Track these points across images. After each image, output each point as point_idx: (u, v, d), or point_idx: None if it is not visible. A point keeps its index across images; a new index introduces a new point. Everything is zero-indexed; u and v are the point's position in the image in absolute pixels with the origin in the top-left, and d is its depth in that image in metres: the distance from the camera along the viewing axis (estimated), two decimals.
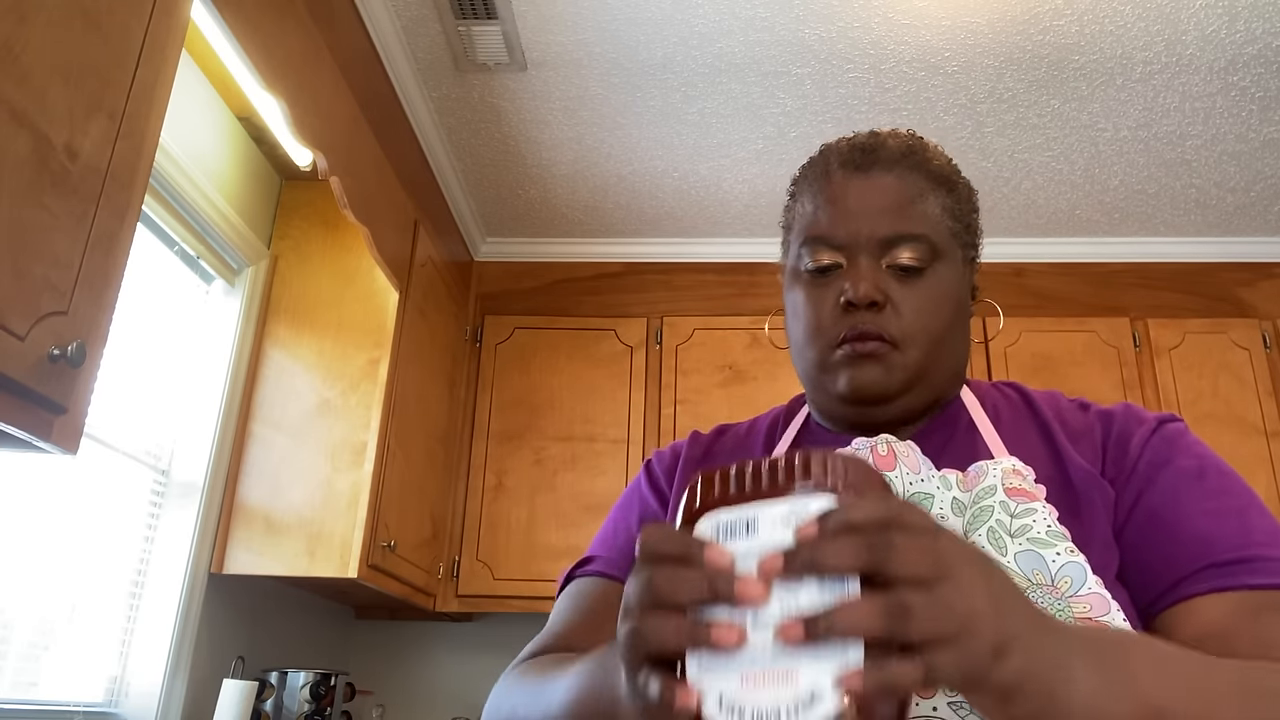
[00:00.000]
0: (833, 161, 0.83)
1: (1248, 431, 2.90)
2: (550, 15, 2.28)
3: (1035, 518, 0.73)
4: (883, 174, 0.80)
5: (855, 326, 0.77)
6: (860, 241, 0.79)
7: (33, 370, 1.08)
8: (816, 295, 0.81)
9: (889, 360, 0.78)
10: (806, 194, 0.84)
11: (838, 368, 0.79)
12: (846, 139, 0.85)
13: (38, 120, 1.09)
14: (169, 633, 2.08)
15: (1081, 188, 2.94)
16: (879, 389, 0.78)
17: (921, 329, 0.78)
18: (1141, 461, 0.76)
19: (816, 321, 0.80)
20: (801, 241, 0.82)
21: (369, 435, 2.30)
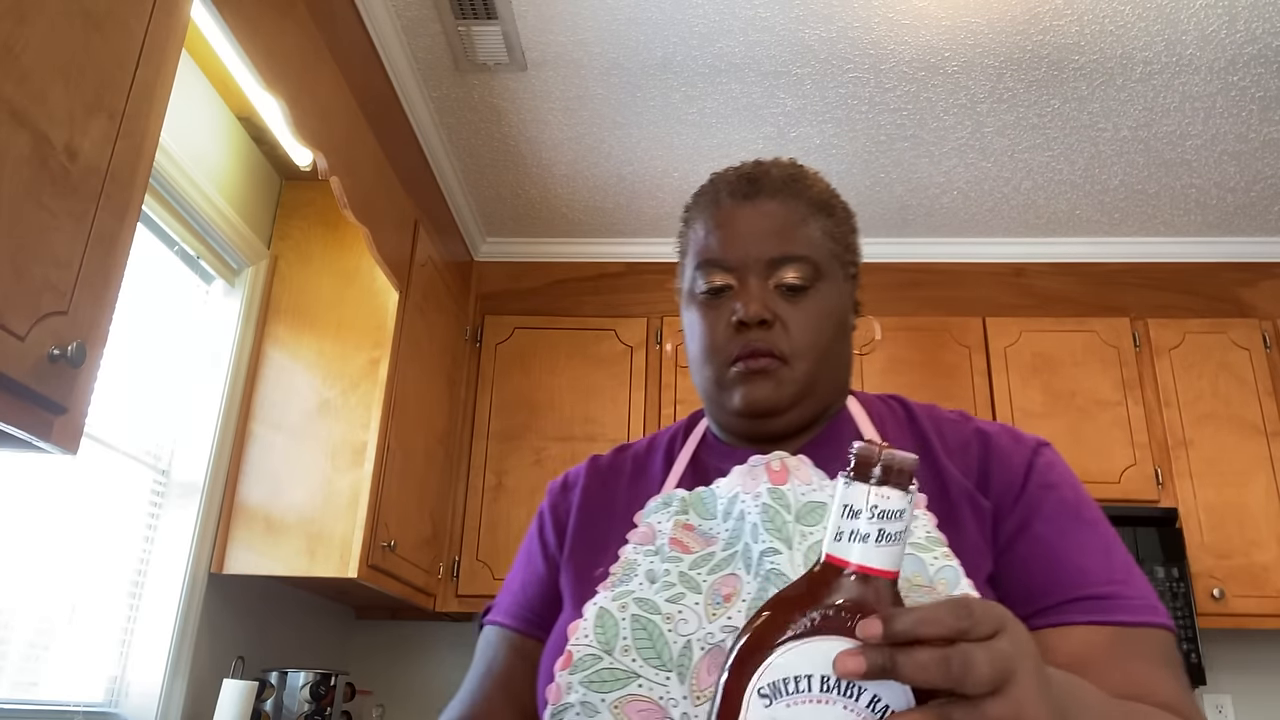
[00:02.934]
0: (722, 190, 0.88)
1: (1248, 431, 2.90)
2: (550, 15, 2.28)
3: (916, 524, 0.79)
4: (767, 200, 0.86)
5: (747, 344, 0.83)
6: (749, 263, 0.84)
7: (33, 370, 1.08)
8: (711, 316, 0.86)
9: (779, 375, 0.83)
10: (698, 221, 0.90)
11: (733, 384, 0.84)
12: (734, 168, 0.91)
13: (38, 120, 1.09)
14: (169, 633, 2.08)
15: (1081, 188, 2.94)
16: (771, 403, 0.83)
17: (809, 344, 0.84)
18: (1029, 485, 0.82)
19: (711, 341, 0.85)
20: (695, 265, 0.88)
21: (369, 435, 2.30)
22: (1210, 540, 2.79)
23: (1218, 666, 2.93)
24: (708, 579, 0.77)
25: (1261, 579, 2.74)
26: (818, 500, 0.80)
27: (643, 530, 0.83)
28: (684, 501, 0.84)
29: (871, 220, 3.12)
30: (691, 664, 0.71)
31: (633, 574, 0.79)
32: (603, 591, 0.78)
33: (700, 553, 0.80)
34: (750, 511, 0.79)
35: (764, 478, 0.81)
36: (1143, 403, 2.96)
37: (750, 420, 0.85)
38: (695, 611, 0.74)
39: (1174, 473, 2.87)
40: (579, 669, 0.73)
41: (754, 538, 0.78)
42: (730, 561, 0.78)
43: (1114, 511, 2.83)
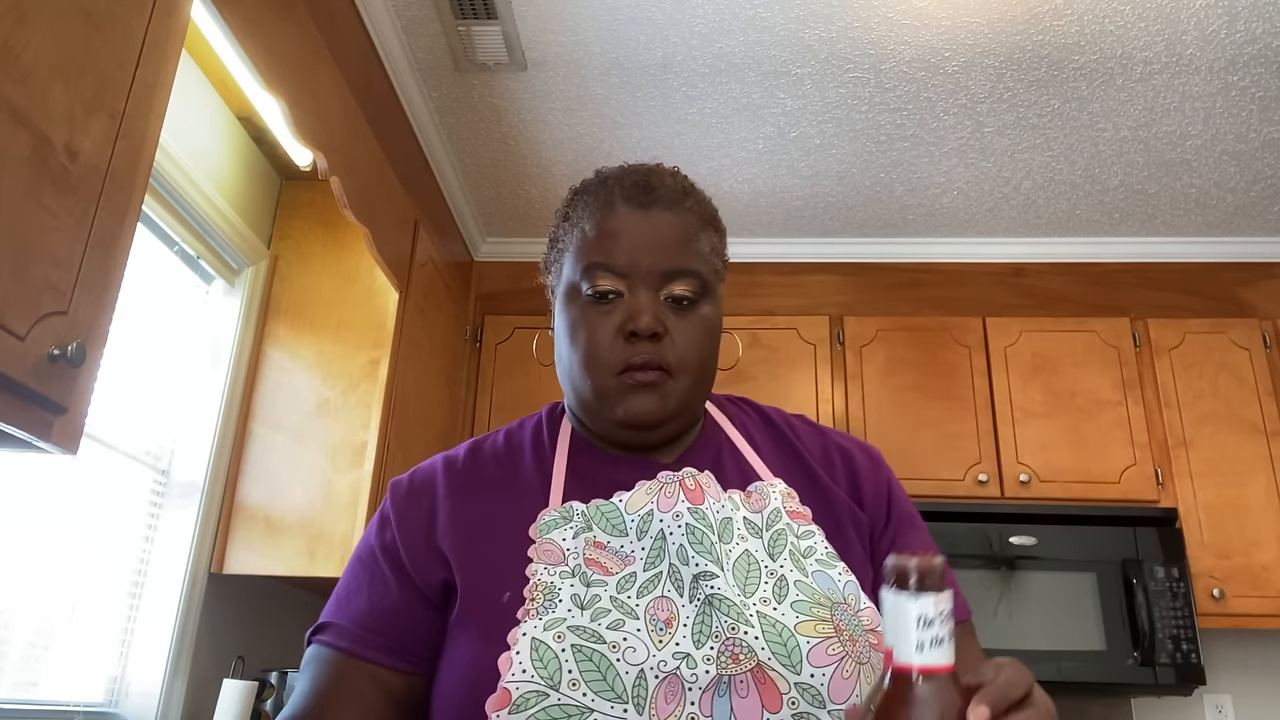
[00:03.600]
0: (616, 193, 0.87)
1: (1248, 431, 2.90)
2: (550, 15, 2.28)
3: (815, 540, 0.81)
4: (663, 211, 0.85)
5: (636, 356, 0.82)
6: (641, 273, 0.83)
7: (33, 370, 1.08)
8: (595, 321, 0.84)
9: (664, 388, 0.83)
10: (587, 219, 0.87)
11: (617, 394, 0.83)
12: (628, 171, 0.89)
13: (38, 120, 1.09)
14: (169, 633, 2.08)
15: (1081, 188, 2.94)
16: (655, 416, 0.83)
17: (693, 359, 0.84)
18: (894, 504, 0.89)
19: (594, 348, 0.83)
20: (584, 266, 0.85)
21: (369, 435, 2.30)
22: (1210, 540, 2.79)
23: (1218, 666, 2.93)
24: (640, 602, 0.75)
25: (1261, 579, 2.74)
26: (727, 516, 0.80)
27: (548, 549, 0.78)
28: (585, 516, 0.81)
29: (871, 220, 3.12)
30: (648, 694, 0.69)
31: (555, 599, 0.75)
32: (529, 620, 0.73)
33: (621, 574, 0.77)
34: (672, 531, 0.77)
35: (680, 496, 0.80)
36: (1143, 403, 2.96)
37: (629, 431, 0.84)
38: (639, 639, 0.72)
39: (1174, 473, 2.87)
40: (522, 708, 0.68)
41: (681, 559, 0.76)
42: (656, 583, 0.76)
43: (1114, 511, 2.84)
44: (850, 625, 0.74)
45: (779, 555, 0.79)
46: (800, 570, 0.78)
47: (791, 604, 0.75)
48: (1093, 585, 2.71)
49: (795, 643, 0.72)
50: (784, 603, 0.75)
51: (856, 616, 0.75)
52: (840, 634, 0.73)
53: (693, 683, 0.70)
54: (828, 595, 0.76)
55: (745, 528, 0.80)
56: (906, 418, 2.97)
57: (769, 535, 0.80)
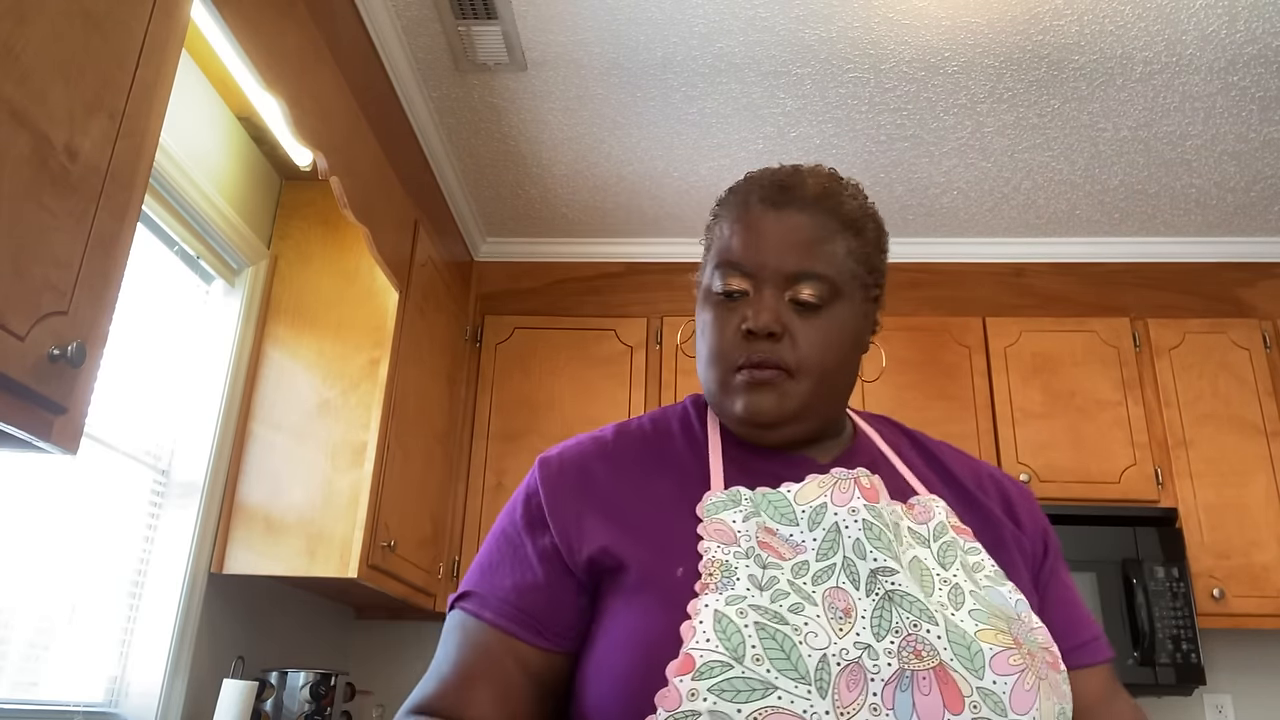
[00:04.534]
0: (753, 193, 0.88)
1: (1248, 431, 2.90)
2: (550, 15, 2.28)
3: (982, 556, 0.82)
4: (796, 213, 0.85)
5: (754, 354, 0.83)
6: (767, 272, 0.84)
7: (33, 370, 1.08)
8: (722, 318, 0.86)
9: (783, 388, 0.83)
10: (726, 219, 0.89)
11: (736, 391, 0.84)
12: (771, 171, 0.90)
13: (38, 120, 1.09)
14: (169, 633, 2.08)
15: (1081, 188, 2.94)
16: (772, 415, 0.83)
17: (815, 362, 0.83)
18: (1050, 537, 0.91)
19: (720, 343, 0.85)
20: (715, 264, 0.88)
21: (369, 435, 2.30)
22: (1210, 540, 2.79)
23: (1218, 666, 2.93)
24: (815, 590, 0.74)
25: (1261, 579, 2.74)
26: (896, 520, 0.81)
27: (718, 528, 0.78)
28: (753, 502, 0.81)
29: None
30: (830, 679, 0.68)
31: (732, 577, 0.74)
32: (709, 594, 0.73)
33: (794, 560, 0.77)
34: (848, 525, 0.78)
35: (856, 493, 0.80)
36: (1143, 403, 2.96)
37: (749, 428, 0.85)
38: (819, 625, 0.71)
39: (1174, 473, 2.87)
40: (705, 676, 0.68)
41: (858, 554, 0.76)
42: (829, 574, 0.76)
43: (1114, 511, 2.84)
44: (1028, 640, 0.74)
45: (950, 565, 0.79)
46: (973, 582, 0.78)
47: (969, 612, 0.75)
48: (1093, 585, 2.71)
49: (978, 647, 0.71)
50: (961, 609, 0.75)
51: (1032, 633, 0.75)
52: (1019, 647, 0.73)
53: (875, 674, 0.69)
54: (1001, 609, 0.76)
55: (911, 536, 0.80)
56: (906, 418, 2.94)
57: (937, 546, 0.80)
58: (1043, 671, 0.72)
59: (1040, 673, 0.72)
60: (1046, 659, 0.74)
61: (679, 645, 0.70)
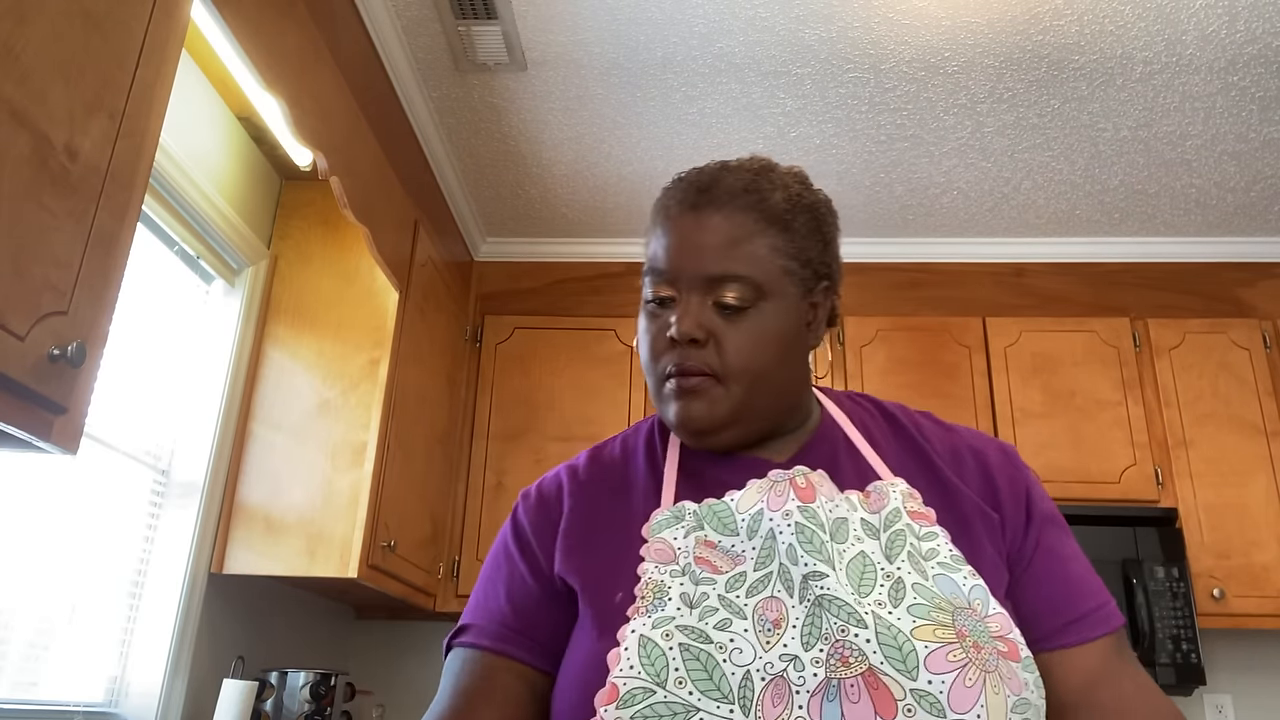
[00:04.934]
0: (674, 196, 0.87)
1: (1248, 431, 2.90)
2: (550, 15, 2.28)
3: (938, 542, 0.79)
4: (713, 213, 0.83)
5: (680, 362, 0.82)
6: (687, 278, 0.83)
7: (33, 370, 1.08)
8: (653, 326, 0.86)
9: (712, 394, 0.82)
10: (653, 223, 0.89)
11: (667, 399, 0.84)
12: (696, 171, 0.88)
13: (38, 120, 1.09)
14: (169, 633, 2.08)
15: (1081, 188, 2.94)
16: (704, 422, 0.82)
17: (744, 366, 0.82)
18: (1036, 503, 0.86)
19: (651, 352, 0.86)
20: (644, 272, 0.88)
21: (369, 435, 2.30)
22: (1210, 540, 2.79)
23: (1218, 666, 2.93)
24: (748, 602, 0.74)
25: (1261, 579, 2.74)
26: (842, 516, 0.79)
27: (659, 548, 0.79)
28: (697, 515, 0.81)
29: (871, 220, 3.12)
30: (754, 695, 0.68)
31: (665, 597, 0.75)
32: (638, 618, 0.74)
33: (731, 573, 0.76)
34: (782, 531, 0.77)
35: (791, 494, 0.79)
36: (1143, 403, 2.96)
37: (689, 435, 0.84)
38: (747, 639, 0.71)
39: (1174, 473, 2.87)
40: (629, 704, 0.68)
41: (791, 559, 0.75)
42: (766, 583, 0.75)
43: (1114, 512, 2.84)
44: (975, 631, 0.71)
45: (896, 557, 0.77)
46: (920, 573, 0.76)
47: (908, 608, 0.72)
48: None
49: (911, 646, 0.69)
50: (900, 606, 0.73)
51: (983, 622, 0.73)
52: (963, 640, 0.70)
53: (800, 685, 0.68)
54: (950, 600, 0.74)
55: (862, 529, 0.79)
56: None
57: (886, 536, 0.78)
58: (990, 663, 0.69)
59: (987, 665, 0.69)
60: (999, 649, 0.71)
61: (606, 675, 0.71)
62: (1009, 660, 0.71)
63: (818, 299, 0.88)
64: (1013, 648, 0.72)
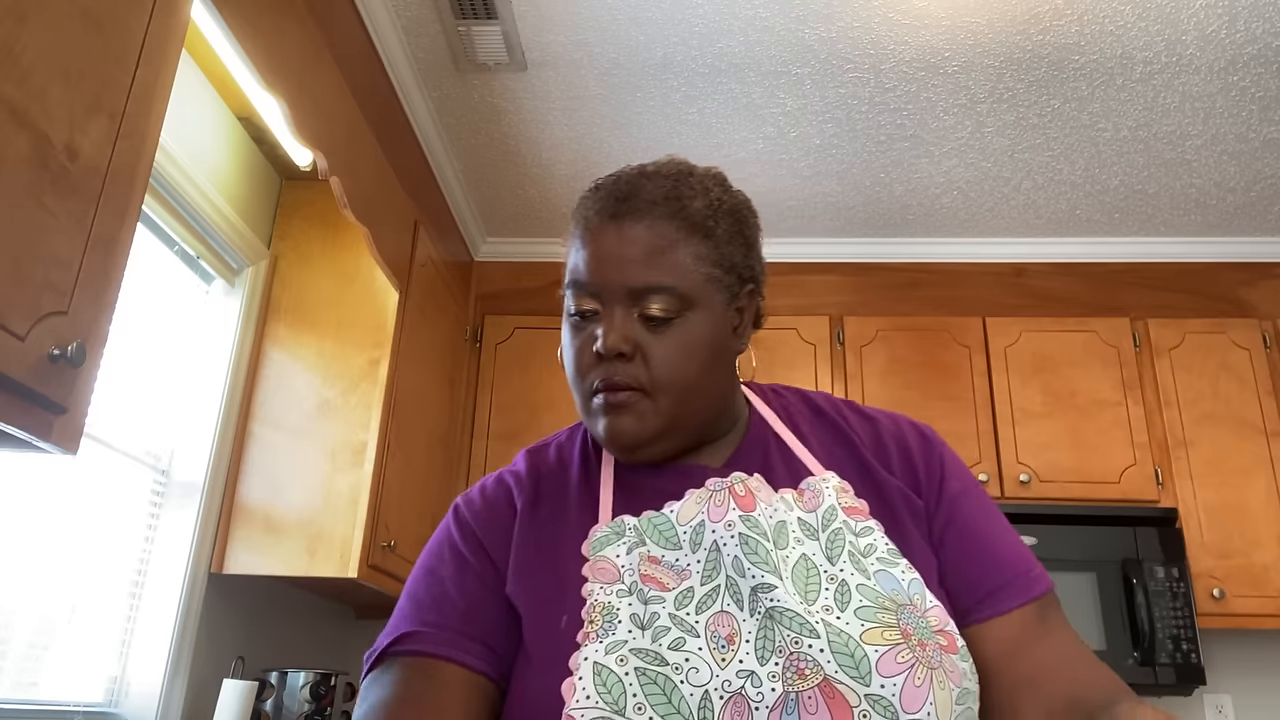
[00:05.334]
0: (593, 206, 0.84)
1: (1248, 431, 2.90)
2: (550, 15, 2.28)
3: (875, 537, 0.78)
4: (634, 224, 0.81)
5: (607, 376, 0.80)
6: (610, 291, 0.80)
7: (33, 370, 1.08)
8: (577, 341, 0.83)
9: (640, 408, 0.80)
10: (573, 233, 0.85)
11: (595, 414, 0.82)
12: (614, 178, 0.86)
13: (38, 120, 1.09)
14: (169, 633, 2.08)
15: (1081, 188, 2.94)
16: (633, 436, 0.80)
17: (672, 378, 0.80)
18: (948, 481, 0.84)
19: (576, 366, 0.83)
20: (565, 284, 0.84)
21: (369, 435, 2.30)
22: (1210, 540, 2.79)
23: (1218, 666, 2.93)
24: (699, 619, 0.72)
25: (1261, 579, 2.74)
26: (781, 519, 0.78)
27: (602, 566, 0.76)
28: (638, 530, 0.78)
29: (871, 220, 3.12)
30: (714, 715, 0.67)
31: (614, 620, 0.72)
32: (589, 644, 0.71)
33: (678, 589, 0.74)
34: (726, 543, 0.75)
35: (731, 504, 0.77)
36: (1143, 403, 2.96)
37: (620, 450, 0.82)
38: (701, 658, 0.70)
39: (1174, 473, 2.87)
40: None
41: (738, 571, 0.74)
42: (714, 597, 0.74)
43: (1114, 511, 2.84)
44: (918, 629, 0.71)
45: (838, 558, 0.76)
46: (862, 572, 0.75)
47: (855, 611, 0.72)
48: (1093, 585, 2.71)
49: (863, 652, 0.69)
50: (847, 610, 0.72)
51: (924, 618, 0.72)
52: (909, 639, 0.70)
53: (759, 702, 0.67)
54: (892, 598, 0.73)
55: (801, 530, 0.78)
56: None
57: (826, 536, 0.77)
58: (934, 659, 0.70)
59: (931, 662, 0.69)
60: (940, 643, 0.71)
61: (561, 707, 0.68)
62: (949, 653, 0.71)
63: (743, 303, 0.86)
64: (950, 640, 0.72)
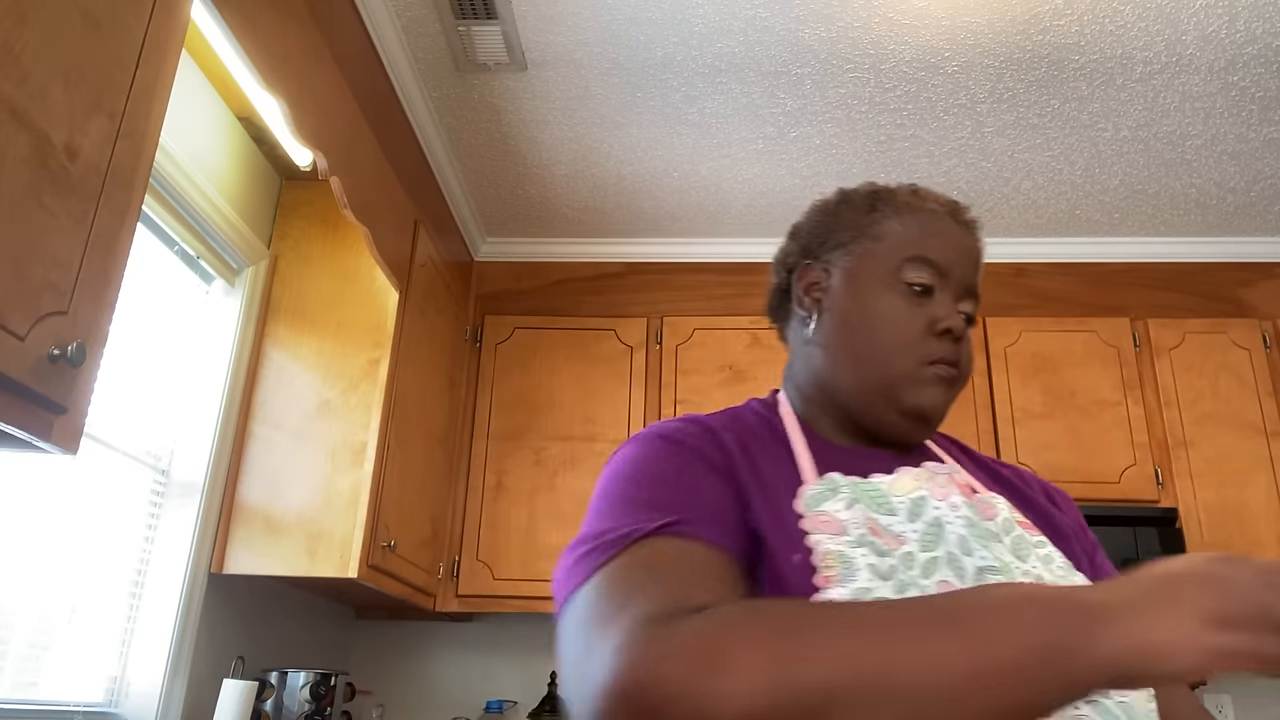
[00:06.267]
0: (937, 207, 0.92)
1: (1248, 431, 2.90)
2: (550, 15, 2.28)
3: (1050, 549, 0.81)
4: (972, 234, 0.92)
5: (949, 354, 0.86)
6: (954, 280, 0.88)
7: (33, 370, 1.08)
8: (909, 310, 0.86)
9: (953, 389, 0.87)
10: (910, 218, 0.90)
11: (922, 383, 0.85)
12: (934, 192, 0.95)
13: (38, 120, 1.09)
14: (169, 633, 2.08)
15: (1081, 188, 2.94)
16: (942, 411, 0.87)
17: (968, 371, 0.89)
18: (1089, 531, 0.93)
19: (908, 335, 0.85)
20: (906, 256, 0.88)
21: (369, 435, 2.30)
22: (1210, 540, 2.79)
23: None
24: (923, 582, 0.72)
25: None
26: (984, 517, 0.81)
27: (824, 519, 0.75)
28: (852, 490, 0.78)
29: None
30: None
31: (852, 569, 0.71)
32: (832, 588, 0.69)
33: (900, 551, 0.74)
34: (951, 521, 0.77)
35: (954, 489, 0.80)
36: (1143, 403, 2.96)
37: (913, 422, 0.85)
38: None
39: (1174, 473, 2.87)
40: None
41: (964, 550, 0.75)
42: (934, 567, 0.74)
43: (1114, 511, 2.83)
44: None
45: (1027, 559, 0.78)
46: (1052, 574, 0.77)
47: None
48: None
49: None
50: None
51: None
52: None
53: None
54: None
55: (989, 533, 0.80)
56: None
57: (1010, 541, 0.79)
58: None
59: None
60: None
61: None
62: None
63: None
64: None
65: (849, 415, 0.88)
